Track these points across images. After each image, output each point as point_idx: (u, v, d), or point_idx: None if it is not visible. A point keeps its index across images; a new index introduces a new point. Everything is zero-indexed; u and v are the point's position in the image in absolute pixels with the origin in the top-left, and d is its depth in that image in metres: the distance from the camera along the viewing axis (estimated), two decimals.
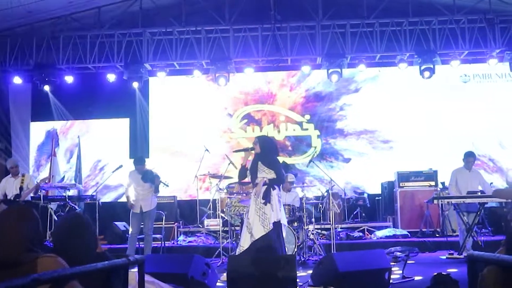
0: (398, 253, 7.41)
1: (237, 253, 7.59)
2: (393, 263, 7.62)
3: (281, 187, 8.02)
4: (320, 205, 11.45)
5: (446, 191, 9.95)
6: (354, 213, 12.54)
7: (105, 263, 3.23)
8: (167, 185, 10.10)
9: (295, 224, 9.67)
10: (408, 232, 11.45)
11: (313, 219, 10.20)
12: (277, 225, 7.50)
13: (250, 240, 7.45)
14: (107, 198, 12.52)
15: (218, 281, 7.27)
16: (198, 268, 6.53)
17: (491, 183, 12.06)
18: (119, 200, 11.20)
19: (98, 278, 3.48)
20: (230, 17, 12.80)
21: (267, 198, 7.53)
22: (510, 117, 13.41)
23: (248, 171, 7.80)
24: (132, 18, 12.97)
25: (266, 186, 7.57)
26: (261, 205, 7.52)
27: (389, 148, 13.49)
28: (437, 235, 11.36)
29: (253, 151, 7.90)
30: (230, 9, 12.81)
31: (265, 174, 7.65)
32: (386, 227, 11.97)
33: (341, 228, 11.78)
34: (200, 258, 6.79)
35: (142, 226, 9.97)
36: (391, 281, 6.92)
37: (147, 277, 6.14)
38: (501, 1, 12.38)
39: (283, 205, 9.38)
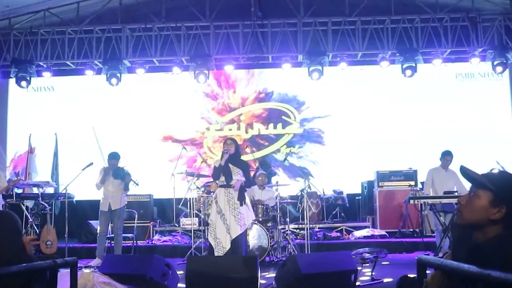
0: (367, 255, 7.27)
1: (215, 253, 7.63)
2: (363, 265, 7.48)
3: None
4: (299, 204, 11.31)
5: (422, 191, 9.83)
6: (333, 212, 12.41)
7: (20, 266, 3.07)
8: (137, 184, 9.93)
9: (269, 224, 9.53)
10: (387, 232, 11.33)
11: (287, 219, 10.04)
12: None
13: (229, 239, 7.64)
14: (83, 196, 12.33)
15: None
16: (158, 269, 6.38)
17: None
18: (94, 199, 10.98)
19: (21, 281, 3.34)
20: (210, 13, 12.66)
21: (243, 199, 7.82)
22: (492, 116, 13.30)
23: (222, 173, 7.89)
24: (111, 14, 12.81)
25: (239, 188, 7.73)
26: (236, 206, 7.72)
27: (369, 147, 13.33)
28: (416, 236, 11.24)
29: (226, 152, 7.92)
30: (211, 5, 12.67)
31: (239, 176, 7.81)
32: (365, 227, 11.84)
33: (319, 228, 11.66)
34: (160, 258, 6.64)
35: (111, 225, 9.81)
36: (359, 283, 6.80)
37: (104, 278, 6.02)
38: (484, 0, 12.27)
39: (256, 201, 9.39)
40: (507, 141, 13.24)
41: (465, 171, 2.93)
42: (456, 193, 9.49)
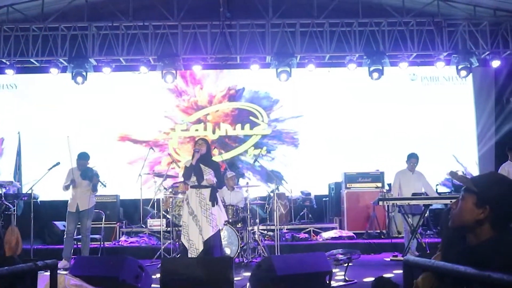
0: (340, 256, 7.30)
1: (189, 255, 7.53)
2: (335, 266, 7.51)
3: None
4: (267, 206, 11.29)
5: (390, 193, 9.93)
6: (301, 214, 12.44)
7: (4, 268, 2.97)
8: (105, 185, 9.78)
9: (239, 225, 9.50)
10: (354, 233, 11.41)
11: (257, 220, 10.02)
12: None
13: (202, 240, 7.56)
14: (47, 196, 12.09)
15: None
16: (131, 271, 6.26)
17: (437, 184, 12.19)
18: (59, 199, 10.77)
19: (4, 283, 3.25)
20: (178, 13, 12.54)
21: (215, 200, 7.72)
22: (456, 120, 13.54)
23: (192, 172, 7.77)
24: (77, 11, 12.55)
25: (211, 188, 7.67)
26: (207, 206, 7.63)
27: (336, 149, 13.41)
28: (383, 237, 11.36)
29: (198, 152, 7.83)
30: (179, 5, 12.55)
31: (210, 176, 7.72)
32: (333, 228, 11.90)
33: (287, 229, 11.67)
34: (133, 260, 6.53)
35: (79, 226, 9.63)
36: (332, 284, 6.82)
37: (75, 281, 5.88)
38: (449, 5, 12.50)
39: (227, 204, 9.34)
40: (469, 142, 13.54)
41: (453, 177, 3.00)
42: (423, 195, 9.63)
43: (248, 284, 6.60)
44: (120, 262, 6.34)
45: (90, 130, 13.46)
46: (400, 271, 7.93)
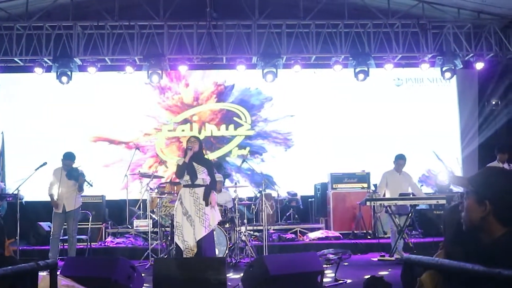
0: (331, 256, 7.33)
1: (184, 256, 7.41)
2: (325, 266, 7.53)
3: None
4: (253, 206, 11.30)
5: (378, 193, 10.00)
6: (287, 214, 12.46)
7: (7, 268, 2.94)
8: (91, 185, 9.69)
9: (227, 225, 9.49)
10: (340, 233, 11.46)
11: (245, 220, 10.02)
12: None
13: (195, 241, 7.43)
14: (32, 197, 11.97)
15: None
16: (123, 271, 6.23)
17: (422, 185, 12.29)
18: (44, 199, 10.66)
19: (4, 284, 3.21)
20: (164, 13, 12.50)
21: (208, 199, 7.57)
22: (440, 121, 13.66)
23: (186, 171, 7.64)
24: (62, 11, 12.44)
25: (205, 188, 7.50)
26: (201, 206, 7.51)
27: (322, 149, 13.46)
28: (369, 237, 11.42)
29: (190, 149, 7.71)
30: (165, 4, 12.51)
31: (204, 175, 7.61)
32: (319, 228, 11.93)
33: (273, 229, 11.67)
34: (125, 261, 6.49)
35: (65, 226, 9.54)
36: (323, 284, 6.84)
37: (67, 281, 5.83)
38: (434, 8, 12.60)
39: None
40: (453, 143, 13.70)
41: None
42: (411, 195, 9.71)
43: (240, 284, 6.60)
44: (112, 262, 6.32)
45: (75, 130, 13.33)
46: (387, 272, 8.03)
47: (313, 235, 11.44)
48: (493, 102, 14.42)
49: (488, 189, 2.63)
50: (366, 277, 6.37)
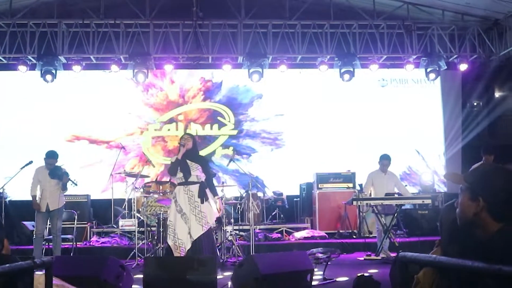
0: (320, 255, 7.36)
1: (175, 255, 7.31)
2: (314, 265, 7.55)
3: None
4: (239, 206, 11.27)
5: (364, 193, 10.05)
6: (273, 214, 12.47)
7: (5, 266, 2.91)
8: (76, 184, 9.59)
9: (214, 224, 9.46)
10: (326, 233, 11.50)
11: (232, 220, 10.02)
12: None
13: (190, 240, 7.32)
14: (16, 196, 11.85)
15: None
16: (112, 270, 6.19)
17: (406, 185, 12.35)
18: (28, 199, 10.55)
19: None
20: (150, 11, 12.48)
21: (204, 196, 7.46)
22: (424, 122, 13.76)
23: (179, 168, 7.53)
24: (47, 8, 12.37)
25: (200, 185, 7.41)
26: (196, 204, 7.38)
27: (308, 149, 13.49)
28: (354, 237, 11.47)
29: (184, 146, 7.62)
30: (151, 3, 12.50)
31: (198, 172, 7.51)
32: (304, 228, 11.96)
33: (259, 229, 11.67)
34: (114, 260, 6.45)
35: (49, 226, 9.45)
36: (312, 282, 6.85)
37: (56, 280, 5.77)
38: (419, 9, 12.71)
39: None
40: (438, 143, 13.84)
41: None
42: (396, 195, 9.78)
43: (229, 283, 6.59)
44: (101, 261, 6.27)
45: (57, 129, 13.19)
46: (375, 270, 8.07)
47: (299, 234, 11.46)
48: (475, 104, 14.59)
49: (482, 186, 2.65)
50: (355, 276, 6.40)
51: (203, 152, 13.30)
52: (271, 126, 13.78)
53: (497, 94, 15.73)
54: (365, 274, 6.21)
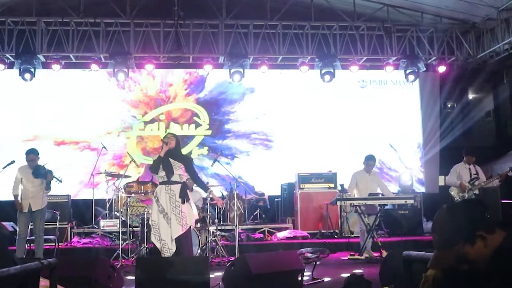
0: (309, 254, 7.38)
1: (162, 254, 7.16)
2: (304, 264, 7.58)
3: None
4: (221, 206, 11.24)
5: (348, 193, 10.13)
6: (254, 214, 12.47)
7: (16, 267, 2.88)
8: (60, 181, 9.44)
9: (199, 225, 9.44)
10: (308, 233, 11.55)
11: (216, 220, 9.99)
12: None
13: (172, 240, 7.21)
14: None
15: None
16: (103, 271, 6.14)
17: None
18: (7, 199, 10.36)
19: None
20: (131, 10, 12.40)
21: (185, 196, 7.36)
22: (402, 123, 13.92)
23: (161, 166, 7.43)
24: (26, 6, 12.17)
25: (181, 185, 7.34)
26: (177, 204, 7.29)
27: (289, 150, 13.53)
28: (336, 237, 11.55)
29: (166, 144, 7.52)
30: (132, 2, 12.40)
31: (181, 171, 7.41)
32: (286, 228, 11.99)
33: (241, 229, 11.65)
34: (105, 260, 6.40)
35: (31, 226, 9.31)
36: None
37: (45, 282, 5.70)
38: (398, 11, 12.86)
39: None
40: (416, 143, 14.03)
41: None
42: (380, 195, 9.88)
43: (220, 283, 6.58)
44: (92, 262, 6.22)
45: (37, 129, 13.03)
46: (360, 270, 8.13)
47: (281, 234, 11.50)
48: (450, 105, 14.83)
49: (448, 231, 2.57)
50: (342, 276, 6.45)
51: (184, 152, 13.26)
52: (252, 127, 13.78)
53: (471, 96, 16.04)
54: (356, 274, 6.25)
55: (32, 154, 9.34)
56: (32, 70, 12.00)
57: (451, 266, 2.66)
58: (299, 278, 6.53)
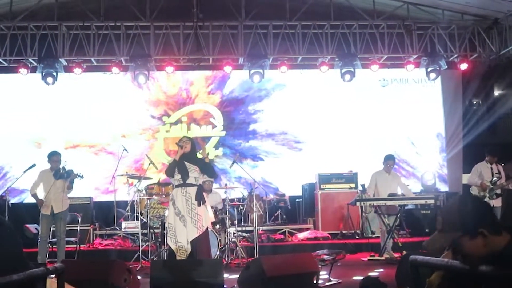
0: (325, 256, 7.36)
1: (178, 258, 7.25)
2: (320, 266, 7.56)
3: None
4: (241, 207, 11.28)
5: (367, 193, 10.07)
6: (275, 215, 12.48)
7: (20, 274, 2.91)
8: (82, 176, 9.52)
9: (218, 226, 9.48)
10: (328, 234, 11.51)
11: (235, 221, 10.02)
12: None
13: (188, 242, 7.27)
14: (18, 199, 11.86)
15: None
16: (119, 274, 6.20)
17: (407, 185, 12.37)
18: (30, 201, 10.55)
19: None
20: (151, 13, 12.45)
21: (201, 199, 7.40)
22: (424, 122, 13.79)
23: (176, 170, 7.48)
24: (47, 11, 12.34)
25: (197, 187, 7.39)
26: (193, 206, 7.33)
27: (310, 150, 13.51)
28: (357, 237, 11.50)
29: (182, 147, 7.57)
30: (151, 5, 12.46)
31: (196, 173, 7.46)
32: (307, 229, 11.98)
33: (262, 230, 11.68)
34: (121, 263, 6.47)
35: (53, 228, 9.45)
36: (318, 284, 6.87)
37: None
38: (419, 9, 12.72)
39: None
40: (439, 143, 13.86)
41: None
42: (400, 195, 9.80)
43: (236, 285, 6.60)
44: (108, 265, 6.28)
45: (55, 132, 13.22)
46: (381, 270, 8.08)
47: (302, 235, 11.49)
48: (475, 102, 14.62)
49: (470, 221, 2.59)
50: (361, 278, 6.42)
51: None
52: (274, 127, 13.78)
53: (497, 93, 15.77)
54: (371, 276, 6.22)
55: (56, 156, 9.51)
56: (54, 74, 12.15)
57: (442, 249, 2.68)
58: (315, 281, 6.50)
